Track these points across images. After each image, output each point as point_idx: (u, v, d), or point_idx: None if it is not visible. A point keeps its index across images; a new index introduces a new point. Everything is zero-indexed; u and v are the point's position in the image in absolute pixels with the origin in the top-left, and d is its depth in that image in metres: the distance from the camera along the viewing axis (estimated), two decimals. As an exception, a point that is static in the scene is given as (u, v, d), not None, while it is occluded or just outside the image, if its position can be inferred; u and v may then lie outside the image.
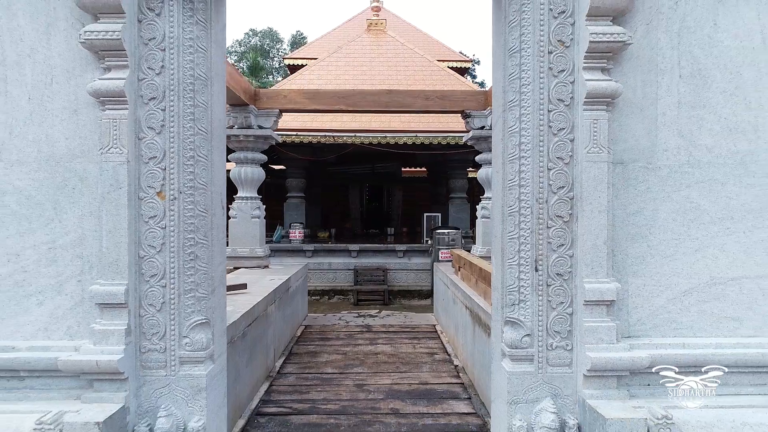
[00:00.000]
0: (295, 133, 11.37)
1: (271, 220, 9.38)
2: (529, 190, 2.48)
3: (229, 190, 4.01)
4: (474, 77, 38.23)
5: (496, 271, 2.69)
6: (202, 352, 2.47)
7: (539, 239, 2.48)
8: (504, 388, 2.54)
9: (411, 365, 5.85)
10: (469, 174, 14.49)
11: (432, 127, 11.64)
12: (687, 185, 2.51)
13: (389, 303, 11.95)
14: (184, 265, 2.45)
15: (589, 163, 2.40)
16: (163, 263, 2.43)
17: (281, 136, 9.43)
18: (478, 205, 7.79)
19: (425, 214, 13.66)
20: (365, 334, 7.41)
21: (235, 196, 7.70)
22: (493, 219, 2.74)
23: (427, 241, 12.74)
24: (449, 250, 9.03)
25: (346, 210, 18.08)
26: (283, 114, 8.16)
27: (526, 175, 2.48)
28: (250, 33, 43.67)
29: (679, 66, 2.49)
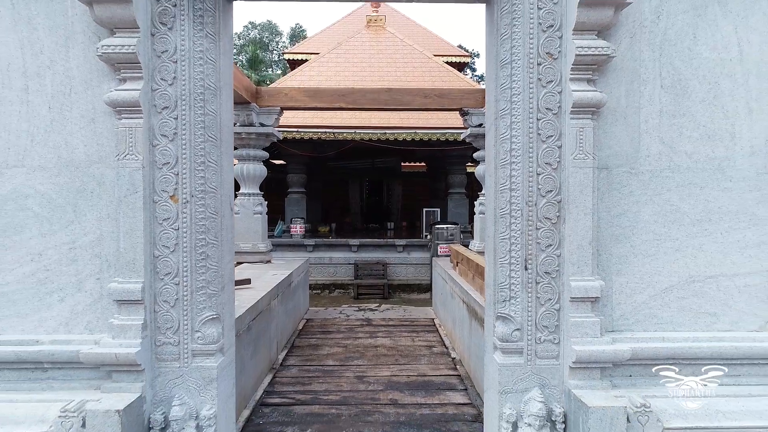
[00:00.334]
0: (296, 129, 11.51)
1: (272, 215, 9.53)
2: (520, 194, 2.64)
3: (235, 190, 4.14)
4: (474, 70, 38.27)
5: (488, 269, 2.85)
6: (213, 345, 2.64)
7: (529, 240, 2.64)
8: (495, 378, 2.71)
9: (410, 358, 6.03)
10: (468, 169, 14.64)
11: (431, 124, 11.77)
12: (668, 189, 2.67)
13: (389, 297, 12.13)
14: (196, 264, 2.61)
15: (575, 168, 2.56)
16: (176, 262, 2.59)
17: (282, 133, 9.56)
18: (476, 201, 7.95)
19: (424, 209, 13.82)
20: (365, 327, 7.60)
21: (237, 193, 7.85)
22: (486, 220, 2.90)
23: (426, 236, 12.91)
24: (448, 245, 9.20)
25: (346, 205, 18.24)
26: (284, 111, 8.29)
27: (516, 179, 2.64)
28: (249, 26, 43.63)
29: (660, 77, 2.65)
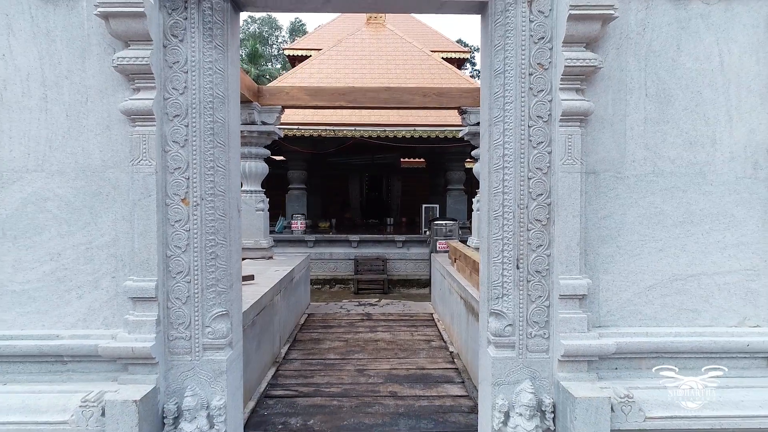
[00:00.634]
0: (296, 126, 11.64)
1: (273, 211, 9.67)
2: (512, 197, 2.79)
3: (240, 190, 4.28)
4: (474, 65, 38.30)
5: (482, 268, 3.01)
6: (222, 339, 2.80)
7: (520, 240, 2.79)
8: (489, 371, 2.87)
9: (409, 351, 6.20)
10: (467, 165, 14.78)
11: (430, 121, 11.91)
12: (652, 192, 2.82)
13: (389, 292, 12.31)
14: (206, 263, 2.77)
15: (564, 173, 2.71)
16: (187, 261, 2.75)
17: (283, 130, 9.69)
18: (474, 197, 8.09)
19: (423, 206, 13.97)
20: (365, 322, 7.77)
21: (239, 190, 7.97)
22: (480, 221, 3.05)
23: (425, 232, 13.07)
24: (446, 242, 9.35)
25: (347, 200, 18.39)
26: (285, 109, 8.42)
27: (508, 183, 2.79)
28: (249, 20, 43.53)
29: (645, 86, 2.79)
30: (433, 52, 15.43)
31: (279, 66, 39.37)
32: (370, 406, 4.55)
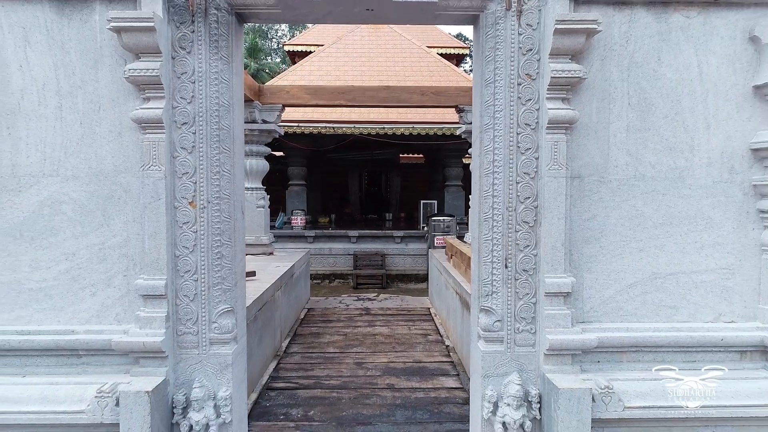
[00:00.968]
0: (296, 124, 11.79)
1: (273, 206, 9.83)
2: (501, 200, 2.95)
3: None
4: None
5: (474, 267, 3.18)
6: (228, 334, 2.97)
7: (509, 241, 2.96)
8: (479, 364, 3.05)
9: (406, 345, 6.39)
10: (465, 161, 14.93)
11: (428, 119, 12.06)
12: (633, 196, 2.99)
13: (387, 286, 12.49)
14: (212, 262, 2.93)
15: (550, 178, 2.87)
16: (195, 261, 2.91)
17: (283, 128, 9.84)
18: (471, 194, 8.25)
19: (422, 202, 14.14)
20: (364, 316, 7.95)
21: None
22: (471, 223, 3.22)
23: (423, 228, 13.25)
24: (443, 238, 9.53)
25: (346, 195, 18.56)
26: (285, 107, 8.57)
27: (498, 187, 2.95)
28: (249, 15, 43.39)
29: (628, 95, 2.95)
30: (433, 47, 15.55)
31: (279, 60, 39.38)
32: (368, 397, 4.73)
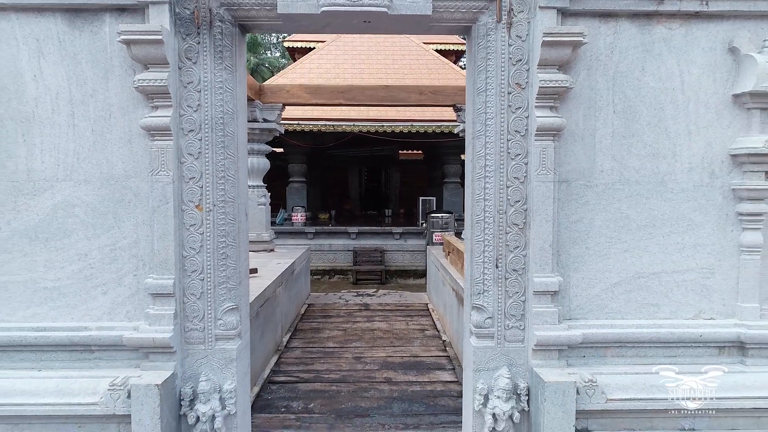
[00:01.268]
0: (296, 121, 11.92)
1: (274, 202, 9.98)
2: (492, 203, 3.10)
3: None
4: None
5: (467, 266, 3.33)
6: (232, 331, 3.13)
7: (499, 242, 3.11)
8: (471, 359, 3.21)
9: (404, 340, 6.56)
10: (463, 158, 15.06)
11: (427, 116, 12.18)
12: (618, 199, 3.14)
13: (386, 282, 12.66)
14: (217, 262, 3.09)
15: (538, 182, 3.02)
16: (201, 261, 3.07)
17: (283, 126, 9.97)
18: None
19: (420, 198, 14.29)
20: (363, 312, 8.13)
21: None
22: (465, 225, 3.37)
23: (422, 224, 13.40)
24: (441, 234, 9.69)
25: (346, 191, 18.70)
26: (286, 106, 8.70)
27: (489, 191, 3.10)
28: (249, 10, 43.27)
29: (613, 103, 3.10)
30: (431, 43, 15.63)
31: (278, 54, 39.33)
32: (367, 391, 4.90)
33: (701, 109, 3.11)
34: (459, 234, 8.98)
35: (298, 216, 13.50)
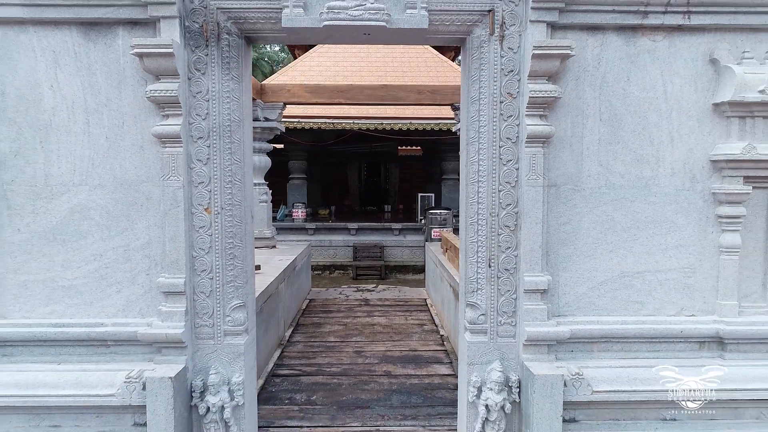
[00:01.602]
0: (297, 119, 12.07)
1: (274, 197, 10.13)
2: (485, 206, 3.28)
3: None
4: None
5: (461, 266, 3.51)
6: (240, 326, 3.31)
7: (492, 243, 3.29)
8: (465, 353, 3.40)
9: (403, 335, 6.75)
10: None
11: (426, 114, 12.33)
12: (604, 202, 3.31)
13: (386, 277, 12.85)
14: (225, 262, 3.26)
15: (529, 186, 3.19)
16: (210, 261, 3.24)
17: (284, 124, 10.12)
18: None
19: (419, 194, 14.46)
20: (363, 307, 8.31)
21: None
22: (459, 226, 3.54)
23: (420, 220, 13.58)
24: (439, 231, 9.86)
25: (345, 187, 18.86)
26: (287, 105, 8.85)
27: (482, 194, 3.28)
28: (248, 5, 43.16)
29: (600, 112, 3.26)
30: (430, 42, 15.72)
31: (278, 48, 39.31)
32: (367, 383, 5.10)
33: (683, 117, 3.28)
34: (457, 231, 9.16)
35: (299, 212, 13.68)
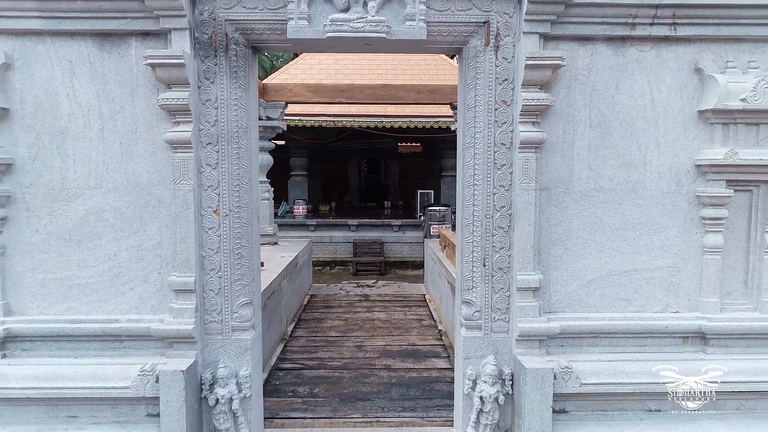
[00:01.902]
0: (298, 118, 12.21)
1: (276, 193, 10.28)
2: (480, 209, 3.44)
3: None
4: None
5: (458, 265, 3.68)
6: (247, 323, 3.48)
7: (486, 243, 3.46)
8: (461, 348, 3.57)
9: (402, 330, 6.94)
10: (461, 152, 15.33)
11: (425, 112, 12.47)
12: (594, 205, 3.48)
13: (385, 273, 13.03)
14: (233, 261, 3.43)
15: (521, 190, 3.36)
16: (219, 261, 3.41)
17: (285, 122, 10.27)
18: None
19: (419, 191, 14.61)
20: (363, 302, 8.49)
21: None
22: (456, 227, 3.71)
23: (420, 217, 13.74)
24: (438, 227, 10.04)
25: (346, 183, 19.01)
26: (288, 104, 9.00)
27: (478, 197, 3.44)
28: (248, 0, 43.21)
29: (590, 118, 3.42)
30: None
31: (278, 46, 39.28)
32: (367, 377, 5.28)
33: (669, 123, 3.44)
34: (455, 228, 9.32)
35: (300, 209, 13.85)
